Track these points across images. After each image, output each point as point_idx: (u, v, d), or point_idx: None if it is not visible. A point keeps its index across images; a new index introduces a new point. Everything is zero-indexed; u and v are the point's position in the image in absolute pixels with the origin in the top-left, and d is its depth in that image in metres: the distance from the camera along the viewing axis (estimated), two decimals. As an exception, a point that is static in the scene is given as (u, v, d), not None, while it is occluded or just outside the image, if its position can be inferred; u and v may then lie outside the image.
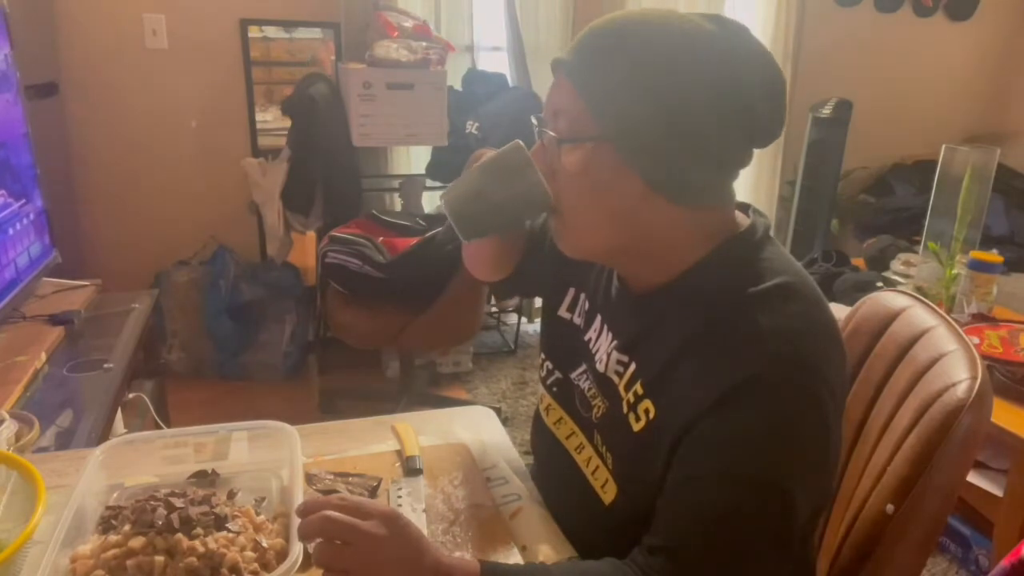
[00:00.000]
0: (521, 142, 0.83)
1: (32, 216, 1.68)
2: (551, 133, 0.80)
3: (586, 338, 0.92)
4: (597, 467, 0.86)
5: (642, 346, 0.82)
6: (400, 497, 0.95)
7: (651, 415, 0.78)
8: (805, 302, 0.76)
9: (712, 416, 0.71)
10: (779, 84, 0.79)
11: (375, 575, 0.69)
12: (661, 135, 0.74)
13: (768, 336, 0.72)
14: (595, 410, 0.87)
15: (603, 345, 0.88)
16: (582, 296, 0.96)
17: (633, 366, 0.82)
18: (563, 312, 0.99)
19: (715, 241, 0.80)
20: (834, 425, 0.75)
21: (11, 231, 1.55)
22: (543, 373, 1.00)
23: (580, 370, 0.92)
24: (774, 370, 0.71)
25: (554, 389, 0.97)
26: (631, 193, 0.77)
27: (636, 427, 0.79)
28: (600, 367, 0.87)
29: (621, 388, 0.83)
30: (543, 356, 1.01)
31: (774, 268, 0.77)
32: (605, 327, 0.89)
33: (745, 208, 0.85)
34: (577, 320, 0.96)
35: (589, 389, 0.89)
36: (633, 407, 0.80)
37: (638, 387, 0.80)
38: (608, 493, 0.84)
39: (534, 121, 0.84)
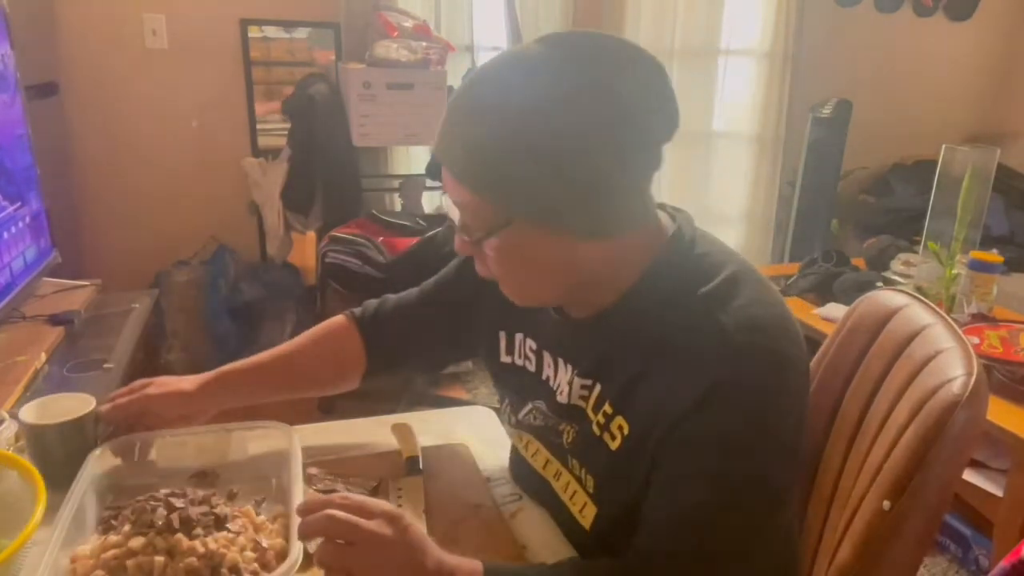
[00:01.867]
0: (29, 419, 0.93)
1: (28, 219, 1.66)
2: (464, 237, 0.80)
3: (543, 377, 0.91)
4: (575, 492, 0.86)
5: (604, 367, 0.82)
6: (400, 497, 0.95)
7: (625, 431, 0.78)
8: (752, 285, 0.77)
9: (692, 420, 0.71)
10: (652, 73, 0.74)
11: (378, 575, 0.69)
12: (560, 191, 0.72)
13: (732, 332, 0.73)
14: (565, 436, 0.87)
15: (563, 379, 0.87)
16: (518, 337, 0.95)
17: (598, 388, 0.82)
18: (504, 358, 0.98)
19: (652, 253, 0.80)
20: (803, 400, 0.77)
21: (5, 235, 1.53)
22: (506, 410, 0.99)
23: (527, 409, 0.92)
24: (745, 366, 0.72)
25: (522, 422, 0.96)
26: (559, 251, 0.77)
27: (613, 445, 0.79)
28: (562, 399, 0.87)
29: (589, 411, 0.83)
30: (502, 397, 1.00)
31: (715, 263, 0.79)
32: (560, 360, 0.88)
33: (661, 206, 0.85)
34: (519, 362, 0.95)
35: (546, 423, 0.89)
36: (606, 427, 0.80)
37: (607, 407, 0.80)
38: (587, 517, 0.84)
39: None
